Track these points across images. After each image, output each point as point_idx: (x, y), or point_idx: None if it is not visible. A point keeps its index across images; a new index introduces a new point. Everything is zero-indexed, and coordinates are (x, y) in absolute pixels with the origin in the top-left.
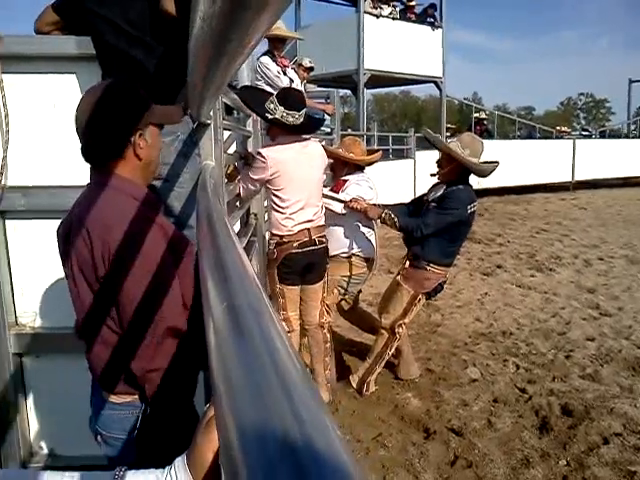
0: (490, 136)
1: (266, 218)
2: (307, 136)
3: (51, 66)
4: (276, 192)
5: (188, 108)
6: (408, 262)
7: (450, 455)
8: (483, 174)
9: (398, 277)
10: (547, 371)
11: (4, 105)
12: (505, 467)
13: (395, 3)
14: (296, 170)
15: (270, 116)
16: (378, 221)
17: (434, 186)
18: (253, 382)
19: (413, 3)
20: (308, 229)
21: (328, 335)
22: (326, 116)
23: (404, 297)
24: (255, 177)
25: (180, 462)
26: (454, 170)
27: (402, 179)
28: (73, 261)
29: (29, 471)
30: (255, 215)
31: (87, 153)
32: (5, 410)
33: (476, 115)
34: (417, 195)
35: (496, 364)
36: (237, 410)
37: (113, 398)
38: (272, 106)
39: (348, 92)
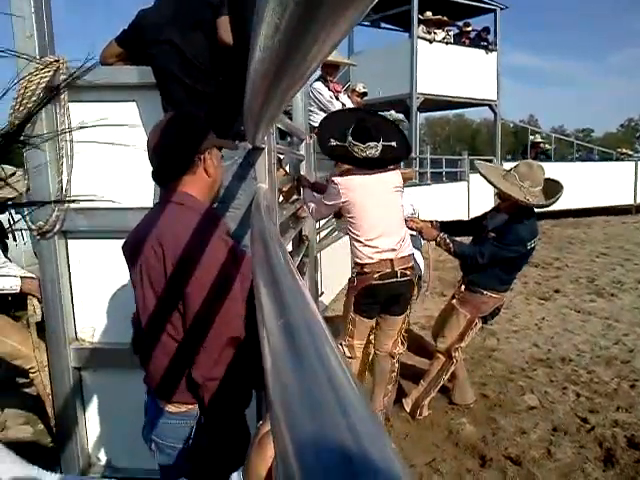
0: (547, 159)
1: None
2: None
3: (114, 94)
4: (350, 219)
5: (245, 134)
6: (464, 286)
7: None
8: (546, 207)
9: (454, 301)
10: (610, 400)
11: (70, 132)
12: None
13: (450, 28)
14: (370, 197)
15: (334, 142)
16: (432, 243)
17: (495, 211)
18: (309, 397)
19: (469, 29)
20: (391, 260)
21: (396, 365)
22: None
23: (460, 321)
24: (328, 202)
25: (235, 478)
26: (515, 204)
27: (456, 202)
28: (143, 272)
29: (88, 479)
30: (307, 237)
31: (160, 174)
32: (65, 422)
33: (531, 138)
34: (473, 216)
35: (555, 391)
36: (293, 424)
37: (170, 407)
38: (348, 132)
39: (401, 116)
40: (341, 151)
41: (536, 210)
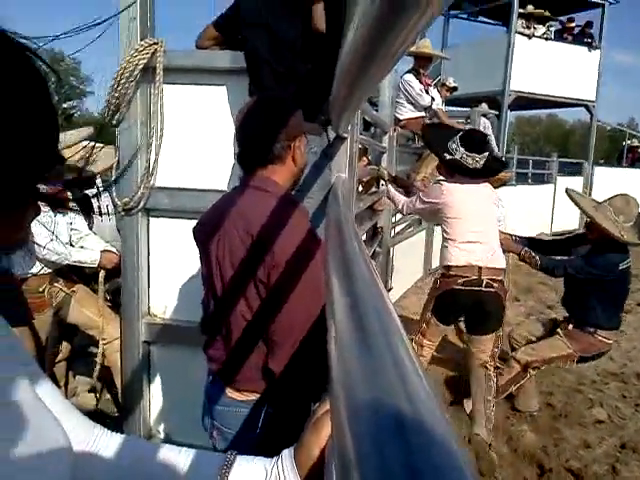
0: None
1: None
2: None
3: (205, 78)
4: (446, 220)
5: (329, 122)
6: (572, 325)
7: None
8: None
9: (560, 331)
10: None
11: (161, 113)
12: None
13: (552, 23)
14: (470, 204)
15: (449, 156)
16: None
17: (581, 241)
18: (374, 383)
19: (573, 24)
20: (479, 267)
21: (491, 373)
22: None
23: (560, 350)
24: (426, 199)
25: (287, 454)
26: (604, 237)
27: (540, 205)
28: (225, 255)
29: (150, 443)
30: (381, 229)
31: (246, 158)
32: (131, 393)
33: (628, 142)
34: (555, 233)
35: (627, 408)
36: (351, 395)
37: (237, 395)
38: (454, 146)
39: (492, 111)
40: (451, 162)
41: None
